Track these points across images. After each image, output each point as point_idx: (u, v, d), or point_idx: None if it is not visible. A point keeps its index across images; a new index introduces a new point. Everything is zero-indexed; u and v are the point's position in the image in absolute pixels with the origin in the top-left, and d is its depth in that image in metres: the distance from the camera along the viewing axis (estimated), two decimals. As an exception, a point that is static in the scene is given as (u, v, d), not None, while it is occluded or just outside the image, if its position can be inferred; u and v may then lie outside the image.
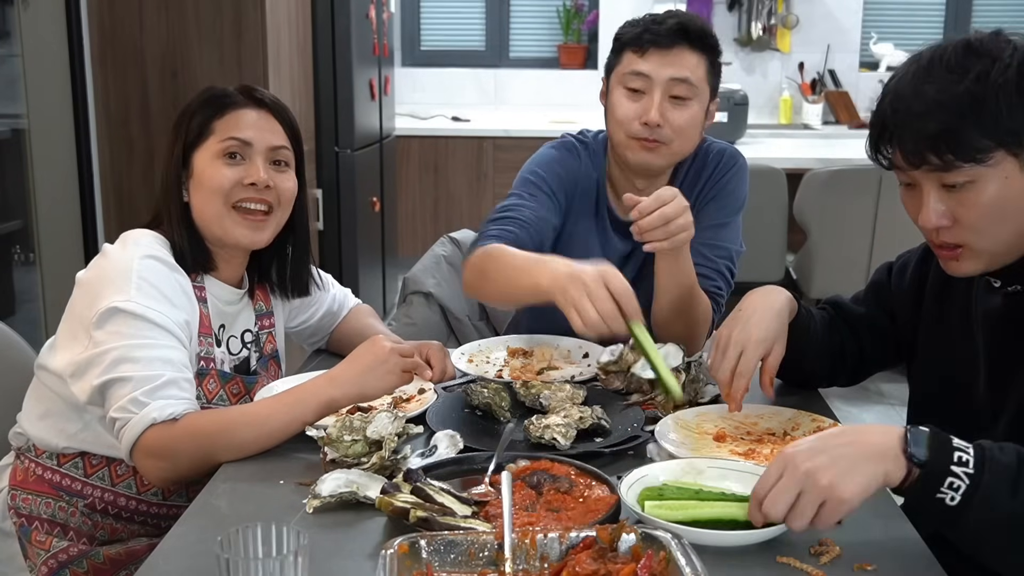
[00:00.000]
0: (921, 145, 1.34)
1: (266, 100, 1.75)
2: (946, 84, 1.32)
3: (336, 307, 2.04)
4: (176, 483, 1.63)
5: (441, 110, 5.98)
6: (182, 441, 1.53)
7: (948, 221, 1.38)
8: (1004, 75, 1.30)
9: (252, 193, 1.70)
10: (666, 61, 1.94)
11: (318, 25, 4.03)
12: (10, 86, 3.45)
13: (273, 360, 1.88)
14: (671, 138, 1.96)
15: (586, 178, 2.09)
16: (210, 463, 1.53)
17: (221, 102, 1.72)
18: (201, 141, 1.71)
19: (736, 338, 1.60)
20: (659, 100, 1.94)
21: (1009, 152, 1.32)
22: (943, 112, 1.32)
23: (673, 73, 1.94)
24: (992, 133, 1.31)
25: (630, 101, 1.97)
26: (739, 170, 2.09)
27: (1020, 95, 1.30)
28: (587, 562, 1.12)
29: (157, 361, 1.56)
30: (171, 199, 1.72)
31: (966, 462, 1.20)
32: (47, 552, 1.67)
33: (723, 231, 2.04)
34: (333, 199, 4.21)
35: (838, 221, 3.94)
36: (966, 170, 1.33)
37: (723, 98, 4.98)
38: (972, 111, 1.30)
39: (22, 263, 3.62)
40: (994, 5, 5.97)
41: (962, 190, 1.35)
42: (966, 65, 1.32)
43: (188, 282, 1.68)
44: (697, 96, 1.96)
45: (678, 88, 1.95)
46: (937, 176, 1.36)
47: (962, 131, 1.31)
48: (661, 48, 1.95)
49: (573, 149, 2.11)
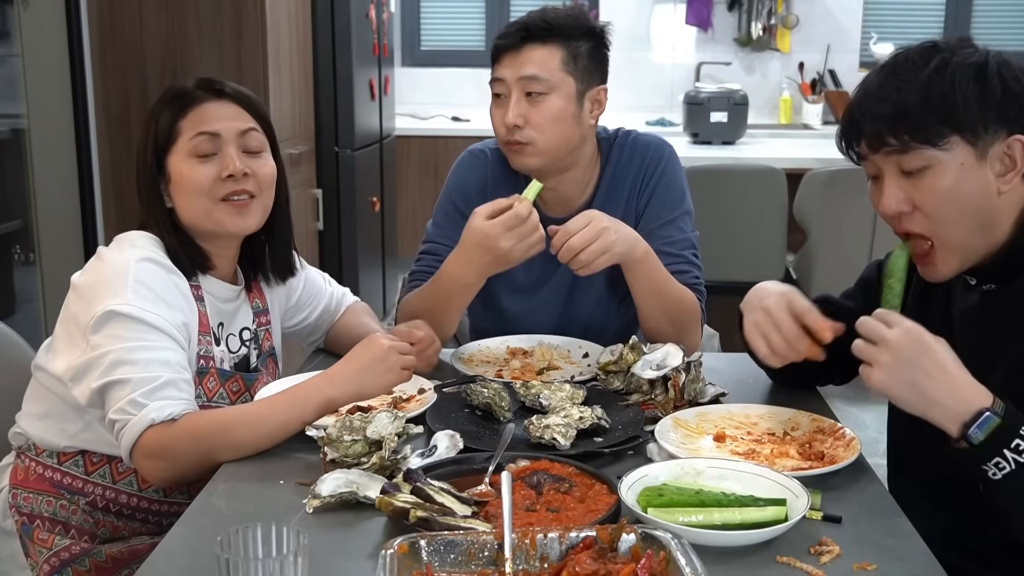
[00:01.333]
0: (880, 127, 1.40)
1: (227, 90, 1.74)
2: (907, 75, 1.39)
3: (334, 305, 2.04)
4: (176, 483, 1.63)
5: (441, 110, 5.98)
6: (181, 441, 1.53)
7: (907, 207, 1.43)
8: (962, 66, 1.36)
9: (232, 186, 1.69)
10: (516, 62, 1.97)
11: (318, 25, 4.03)
12: (10, 86, 3.45)
13: (271, 358, 1.88)
14: (533, 137, 1.97)
15: (499, 182, 2.10)
16: (210, 463, 1.53)
17: (182, 100, 1.71)
18: (171, 144, 1.69)
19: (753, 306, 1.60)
20: (514, 101, 1.96)
21: (964, 140, 1.37)
22: (901, 95, 1.38)
23: (522, 72, 1.96)
24: (947, 119, 1.36)
25: (496, 108, 2.01)
26: (670, 159, 2.10)
27: (977, 86, 1.36)
28: (587, 562, 1.12)
29: (155, 363, 1.56)
30: (154, 207, 1.71)
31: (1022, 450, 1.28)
32: (49, 550, 1.67)
33: (676, 224, 2.05)
34: (333, 199, 4.21)
35: (838, 221, 3.93)
36: (922, 152, 1.38)
37: (723, 98, 5.07)
38: (929, 96, 1.36)
39: (22, 263, 3.62)
40: (994, 5, 5.97)
41: (920, 176, 1.40)
42: (928, 58, 1.39)
43: (185, 283, 1.68)
44: (555, 89, 1.96)
45: (530, 85, 1.96)
46: (896, 160, 1.41)
47: (918, 113, 1.37)
48: (511, 51, 1.98)
49: (480, 156, 2.15)
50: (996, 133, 1.37)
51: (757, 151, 4.75)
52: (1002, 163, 1.39)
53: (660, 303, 1.93)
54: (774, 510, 1.31)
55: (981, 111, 1.36)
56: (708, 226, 2.52)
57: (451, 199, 2.12)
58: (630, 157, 2.08)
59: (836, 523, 1.33)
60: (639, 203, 2.06)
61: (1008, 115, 1.37)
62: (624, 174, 2.08)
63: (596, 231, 1.80)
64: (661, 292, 1.92)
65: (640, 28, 6.02)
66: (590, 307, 2.11)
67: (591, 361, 1.93)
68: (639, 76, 5.91)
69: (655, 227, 2.03)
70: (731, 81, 5.56)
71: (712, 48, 6.00)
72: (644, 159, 2.08)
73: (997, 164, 1.38)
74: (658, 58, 6.06)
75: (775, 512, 1.30)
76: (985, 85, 1.36)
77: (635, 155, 2.08)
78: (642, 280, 1.90)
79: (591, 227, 1.80)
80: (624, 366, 1.80)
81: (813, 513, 1.33)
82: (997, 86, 1.36)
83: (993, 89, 1.36)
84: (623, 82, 1.99)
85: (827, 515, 1.34)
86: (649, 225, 2.03)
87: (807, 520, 1.31)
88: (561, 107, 1.97)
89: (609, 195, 2.07)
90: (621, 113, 2.09)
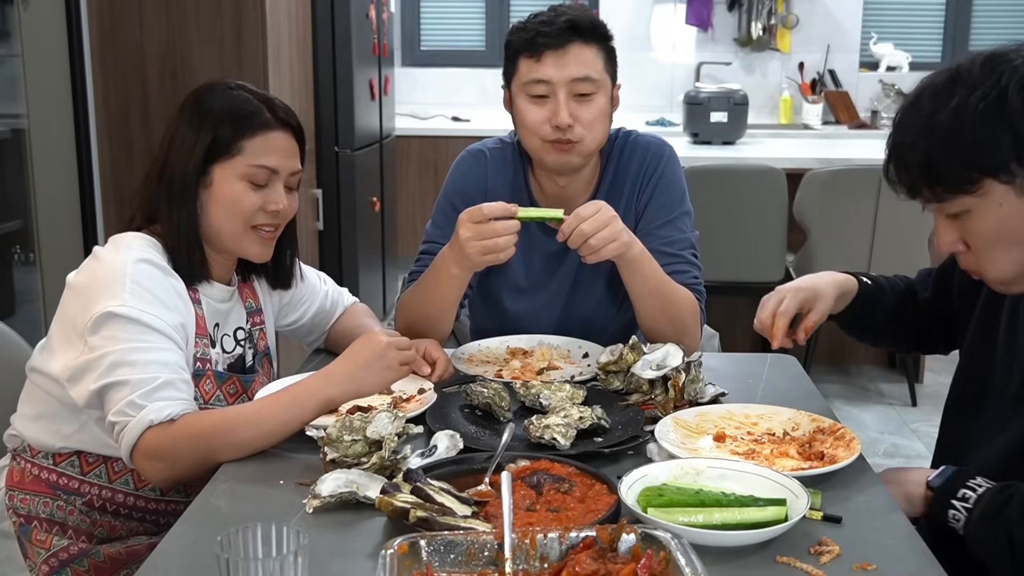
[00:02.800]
0: (913, 180, 1.39)
1: (291, 122, 1.75)
2: (929, 114, 1.35)
3: (329, 305, 2.04)
4: (176, 483, 1.63)
5: (441, 110, 5.98)
6: (180, 442, 1.53)
7: (962, 247, 1.42)
8: (980, 105, 1.31)
9: (270, 220, 1.72)
10: (564, 62, 1.94)
11: (318, 25, 4.03)
12: (10, 86, 3.46)
13: (267, 358, 1.88)
14: (583, 135, 1.96)
15: (499, 183, 2.10)
16: (209, 463, 1.53)
17: (251, 121, 1.69)
18: (227, 157, 1.68)
19: (780, 288, 1.76)
20: (565, 101, 1.94)
21: (999, 181, 1.33)
22: (925, 143, 1.35)
23: (574, 73, 1.94)
24: (975, 166, 1.33)
25: (537, 107, 1.97)
26: (669, 160, 2.09)
27: (998, 122, 1.30)
28: (587, 562, 1.12)
29: (153, 364, 1.56)
30: (184, 207, 1.68)
31: (968, 498, 1.40)
32: (47, 551, 1.67)
33: (675, 224, 2.05)
34: (333, 199, 4.21)
35: (838, 221, 3.93)
36: (958, 200, 1.36)
37: (723, 98, 5.07)
38: (950, 143, 1.32)
39: (22, 263, 3.63)
40: (994, 5, 5.96)
41: (964, 219, 1.38)
42: (949, 94, 1.34)
43: (182, 285, 1.68)
44: (601, 89, 1.97)
45: (581, 86, 1.95)
46: (938, 207, 1.40)
47: (943, 164, 1.34)
48: (556, 49, 1.94)
49: (479, 156, 2.14)
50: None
51: (757, 151, 4.76)
52: None
53: (658, 302, 1.92)
54: (774, 510, 1.30)
55: (1011, 148, 1.31)
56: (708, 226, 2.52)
57: (450, 199, 2.12)
58: (630, 157, 2.09)
59: (836, 523, 1.33)
60: (639, 203, 2.06)
61: None
62: (624, 174, 2.08)
63: (606, 218, 1.79)
64: (658, 291, 1.92)
65: (640, 28, 6.02)
66: (591, 307, 2.11)
67: (591, 361, 1.93)
68: (639, 76, 5.91)
69: (654, 227, 2.03)
70: (731, 81, 5.56)
71: (712, 48, 6.01)
72: (644, 159, 2.08)
73: None
74: (658, 58, 6.07)
75: (775, 512, 1.30)
76: (1008, 120, 1.30)
77: (635, 155, 2.09)
78: (639, 278, 1.90)
79: (602, 214, 1.79)
80: (624, 366, 1.80)
81: (813, 513, 1.33)
82: (1021, 118, 1.30)
83: (1017, 123, 1.30)
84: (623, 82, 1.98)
85: (827, 515, 1.34)
86: (648, 225, 2.03)
87: (807, 520, 1.31)
88: (605, 105, 1.98)
89: (609, 194, 2.07)
90: (621, 113, 2.08)
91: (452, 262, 1.86)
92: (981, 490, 1.40)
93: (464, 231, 1.80)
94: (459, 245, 1.81)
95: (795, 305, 1.72)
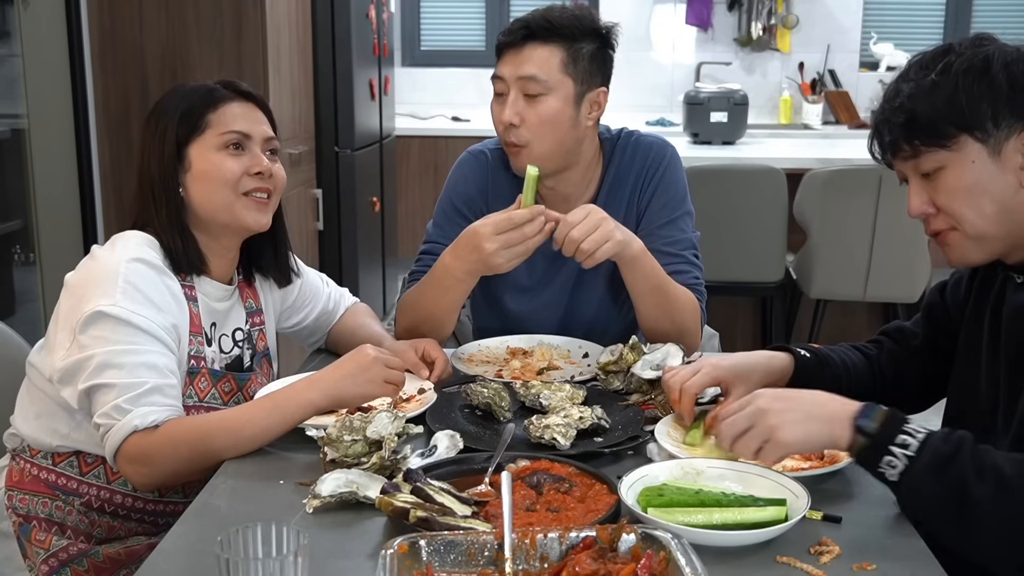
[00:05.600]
0: (895, 133, 1.43)
1: (253, 94, 1.78)
2: (917, 79, 1.41)
3: (332, 306, 2.05)
4: (160, 487, 1.64)
5: (441, 110, 5.98)
6: (162, 448, 1.53)
7: (931, 208, 1.45)
8: (966, 65, 1.38)
9: (258, 182, 1.73)
10: (517, 60, 1.96)
11: (318, 25, 4.03)
12: (10, 86, 3.45)
13: (266, 358, 1.88)
14: (527, 138, 1.96)
15: (499, 183, 2.10)
16: (193, 468, 1.55)
17: (211, 96, 1.73)
18: (196, 135, 1.71)
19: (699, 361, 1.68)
20: (512, 99, 1.96)
21: (974, 138, 1.38)
22: (911, 101, 1.40)
23: (521, 71, 1.95)
24: (954, 120, 1.38)
25: (496, 105, 2.00)
26: (671, 160, 2.10)
27: (980, 83, 1.37)
28: (587, 562, 1.12)
29: (141, 367, 1.56)
30: (166, 197, 1.71)
31: (908, 445, 1.30)
32: (46, 551, 1.67)
33: (677, 224, 2.05)
34: (333, 199, 4.21)
35: (838, 221, 3.93)
36: (934, 155, 1.40)
37: (723, 98, 5.07)
38: (934, 98, 1.38)
39: (22, 263, 3.62)
40: (994, 5, 5.96)
41: (936, 178, 1.42)
42: (937, 61, 1.41)
43: (177, 285, 1.68)
44: (552, 90, 1.95)
45: (529, 85, 1.95)
46: (913, 164, 1.44)
47: (925, 117, 1.39)
48: (513, 49, 1.97)
49: (480, 156, 2.15)
50: (1011, 128, 1.37)
51: (757, 151, 4.75)
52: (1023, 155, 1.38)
53: (658, 301, 1.92)
54: (774, 510, 1.31)
55: (989, 107, 1.36)
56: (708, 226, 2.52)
57: (451, 200, 2.12)
58: (632, 157, 2.08)
59: (836, 523, 1.33)
60: (640, 203, 2.06)
61: (1020, 110, 1.37)
62: (626, 174, 2.08)
63: (595, 221, 1.80)
64: (659, 290, 1.92)
65: (640, 28, 6.02)
66: (593, 307, 2.12)
67: (591, 361, 1.93)
68: (639, 76, 5.91)
69: (656, 227, 2.03)
70: (731, 81, 5.56)
71: (712, 48, 6.00)
72: (646, 160, 2.08)
73: (1018, 157, 1.38)
74: (658, 58, 6.06)
75: (775, 512, 1.30)
76: (991, 81, 1.36)
77: (637, 155, 2.08)
78: (639, 277, 1.90)
79: (589, 218, 1.80)
80: (624, 366, 1.80)
81: (813, 513, 1.33)
82: (1003, 82, 1.36)
83: (999, 84, 1.36)
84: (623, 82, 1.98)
85: (827, 515, 1.34)
86: (650, 225, 2.03)
87: (807, 520, 1.31)
88: (557, 109, 1.96)
89: (611, 195, 2.07)
90: (621, 113, 2.09)
91: (460, 269, 1.86)
92: (922, 435, 1.31)
93: (489, 244, 1.79)
94: (482, 258, 1.80)
95: (707, 382, 1.63)
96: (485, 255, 1.80)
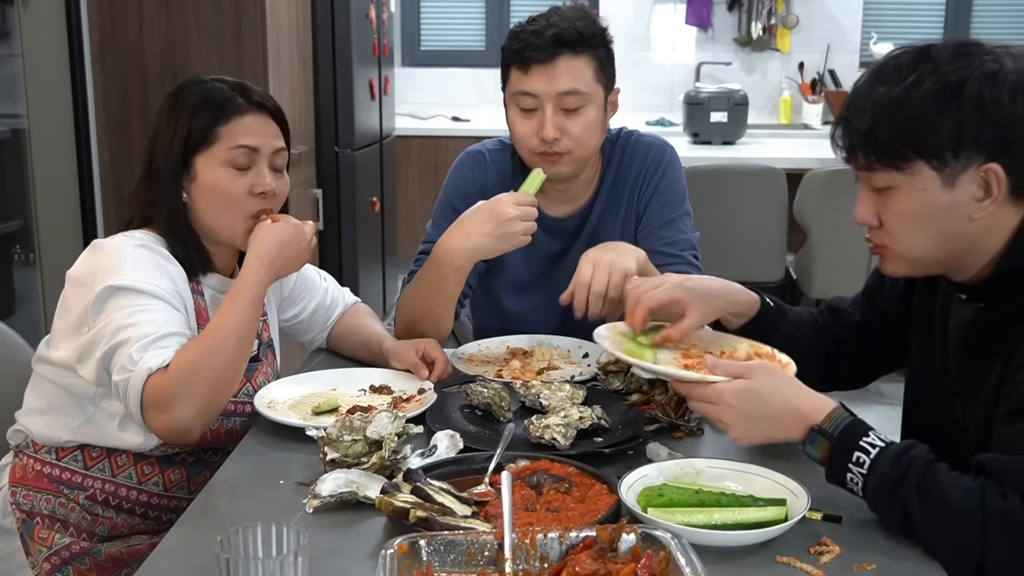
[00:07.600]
0: (853, 143, 1.39)
1: (266, 103, 1.76)
2: (887, 87, 1.35)
3: (329, 302, 2.05)
4: (197, 433, 1.60)
5: (441, 110, 5.98)
6: (177, 382, 1.52)
7: (875, 221, 1.43)
8: (936, 86, 1.31)
9: (262, 203, 1.73)
10: (551, 76, 1.92)
11: (318, 25, 4.03)
12: (10, 86, 3.45)
13: (270, 349, 1.88)
14: (570, 147, 1.95)
15: (498, 184, 2.09)
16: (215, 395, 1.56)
17: (225, 108, 1.71)
18: (205, 146, 1.70)
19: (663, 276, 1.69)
20: (551, 115, 1.93)
21: (929, 164, 1.34)
22: (873, 113, 1.36)
23: (561, 87, 1.92)
24: (911, 144, 1.33)
25: (524, 119, 1.97)
26: (670, 161, 2.09)
27: (948, 107, 1.31)
28: (587, 562, 1.12)
29: (154, 322, 1.57)
30: (169, 202, 1.71)
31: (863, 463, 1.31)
32: (49, 549, 1.67)
33: (676, 224, 2.05)
34: (333, 199, 4.21)
35: (838, 221, 3.93)
36: (887, 174, 1.37)
37: (723, 98, 5.07)
38: (895, 118, 1.34)
39: (22, 263, 3.62)
40: (994, 5, 5.96)
41: (886, 194, 1.39)
42: (913, 67, 1.34)
43: (182, 274, 1.69)
44: (590, 101, 1.94)
45: (568, 100, 1.92)
46: (866, 176, 1.41)
47: (885, 136, 1.35)
48: (543, 63, 1.91)
49: (479, 157, 2.14)
50: (969, 159, 1.32)
51: (757, 151, 4.76)
52: (980, 187, 1.34)
53: None
54: (774, 510, 1.31)
55: (949, 137, 1.31)
56: (708, 226, 2.52)
57: (450, 200, 2.12)
58: (631, 157, 2.08)
59: (836, 523, 1.33)
60: (639, 203, 2.06)
61: (985, 141, 1.31)
62: (625, 174, 2.08)
63: (604, 266, 1.78)
64: None
65: (640, 28, 6.02)
66: None
67: (591, 361, 1.93)
68: (639, 76, 5.91)
69: (655, 227, 2.03)
70: (731, 81, 5.56)
71: (712, 48, 6.00)
72: (645, 160, 2.08)
73: (974, 188, 1.34)
74: (658, 58, 6.06)
75: (775, 512, 1.30)
76: (958, 109, 1.30)
77: (636, 156, 2.08)
78: None
79: (596, 266, 1.78)
80: (624, 366, 1.80)
81: (813, 513, 1.33)
82: (971, 112, 1.30)
83: (965, 115, 1.30)
84: (623, 82, 1.97)
85: (827, 515, 1.34)
86: (649, 225, 2.03)
87: (807, 520, 1.31)
88: (595, 117, 1.96)
89: (610, 195, 2.07)
90: (621, 113, 2.08)
91: (464, 249, 1.86)
92: (875, 453, 1.31)
93: (512, 209, 1.82)
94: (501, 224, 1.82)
95: (666, 299, 1.60)
96: (505, 219, 1.82)
